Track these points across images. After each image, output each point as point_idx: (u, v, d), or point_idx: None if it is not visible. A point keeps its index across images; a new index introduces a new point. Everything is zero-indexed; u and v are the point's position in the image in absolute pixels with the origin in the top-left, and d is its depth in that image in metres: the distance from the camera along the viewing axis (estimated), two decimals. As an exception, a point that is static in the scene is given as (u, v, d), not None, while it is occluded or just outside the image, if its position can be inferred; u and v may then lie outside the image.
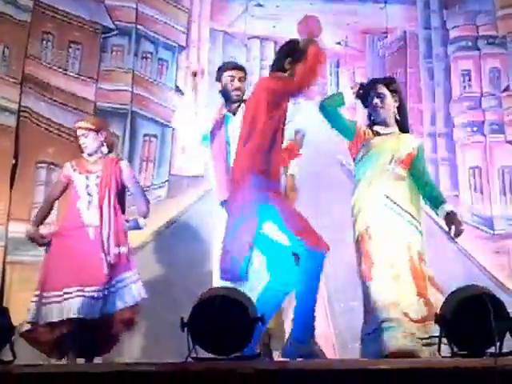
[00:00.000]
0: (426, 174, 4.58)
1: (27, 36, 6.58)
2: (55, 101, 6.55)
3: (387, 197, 4.38)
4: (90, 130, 5.18)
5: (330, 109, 4.54)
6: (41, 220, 5.16)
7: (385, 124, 4.53)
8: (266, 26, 7.04)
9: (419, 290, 4.25)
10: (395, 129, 4.55)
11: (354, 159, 4.60)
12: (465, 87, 7.01)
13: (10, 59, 6.51)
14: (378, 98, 4.49)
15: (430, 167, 6.58)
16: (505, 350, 3.17)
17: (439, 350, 3.29)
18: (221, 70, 4.96)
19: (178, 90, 6.82)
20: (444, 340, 3.34)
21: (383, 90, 4.51)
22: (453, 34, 7.12)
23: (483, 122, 6.88)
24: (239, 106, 4.86)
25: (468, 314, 3.23)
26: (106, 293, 4.86)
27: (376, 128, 4.54)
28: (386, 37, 7.14)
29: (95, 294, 4.81)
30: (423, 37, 7.15)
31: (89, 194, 5.09)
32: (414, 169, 4.48)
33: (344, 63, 7.08)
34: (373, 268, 4.24)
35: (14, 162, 6.24)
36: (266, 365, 3.30)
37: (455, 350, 3.26)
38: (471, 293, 3.36)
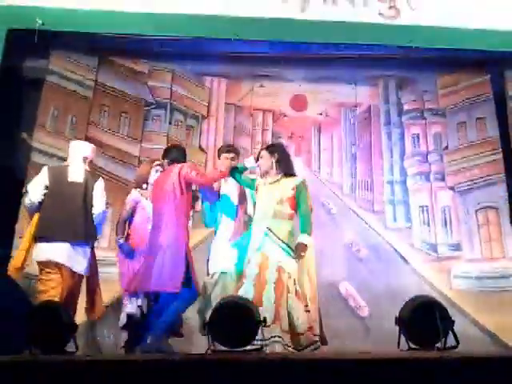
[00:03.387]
0: (302, 205, 4.48)
1: (89, 108, 6.64)
2: (109, 155, 6.57)
3: (269, 229, 4.39)
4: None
5: (235, 175, 4.75)
6: (124, 234, 4.99)
7: (267, 175, 4.63)
8: (266, 101, 7.06)
9: (305, 304, 4.23)
10: (278, 176, 4.59)
11: None
12: (415, 146, 7.01)
13: (76, 125, 6.55)
14: (259, 160, 4.67)
15: (389, 207, 6.70)
16: (448, 345, 3.14)
17: (399, 345, 3.26)
18: (219, 152, 5.03)
19: (201, 148, 6.84)
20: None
21: (263, 153, 4.69)
22: (406, 107, 7.14)
23: (429, 173, 6.87)
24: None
25: (420, 317, 3.21)
26: None
27: (262, 180, 4.66)
28: (356, 109, 7.15)
29: None
30: (383, 109, 7.15)
31: None
32: (297, 202, 4.48)
33: (324, 129, 7.09)
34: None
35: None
36: (266, 356, 3.25)
37: (411, 345, 3.24)
38: (422, 301, 3.34)
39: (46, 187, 4.72)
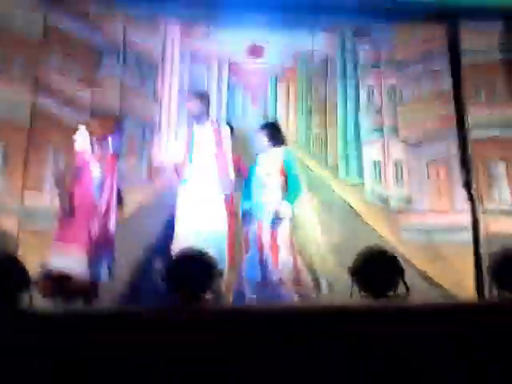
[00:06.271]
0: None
1: (38, 50, 6.43)
2: (59, 99, 6.40)
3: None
4: None
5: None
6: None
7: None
8: (223, 49, 7.02)
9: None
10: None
11: None
12: (369, 99, 7.07)
13: (25, 67, 6.33)
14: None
15: (343, 161, 6.79)
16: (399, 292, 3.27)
17: (351, 295, 3.38)
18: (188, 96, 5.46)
19: (154, 97, 6.76)
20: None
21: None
22: (361, 58, 7.16)
23: (383, 126, 6.96)
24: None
25: (372, 267, 3.32)
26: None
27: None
28: (313, 59, 7.13)
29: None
30: (340, 61, 7.15)
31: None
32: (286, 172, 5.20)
33: (280, 79, 7.08)
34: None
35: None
36: (223, 307, 3.33)
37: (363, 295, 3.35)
38: (373, 251, 3.45)
39: None
